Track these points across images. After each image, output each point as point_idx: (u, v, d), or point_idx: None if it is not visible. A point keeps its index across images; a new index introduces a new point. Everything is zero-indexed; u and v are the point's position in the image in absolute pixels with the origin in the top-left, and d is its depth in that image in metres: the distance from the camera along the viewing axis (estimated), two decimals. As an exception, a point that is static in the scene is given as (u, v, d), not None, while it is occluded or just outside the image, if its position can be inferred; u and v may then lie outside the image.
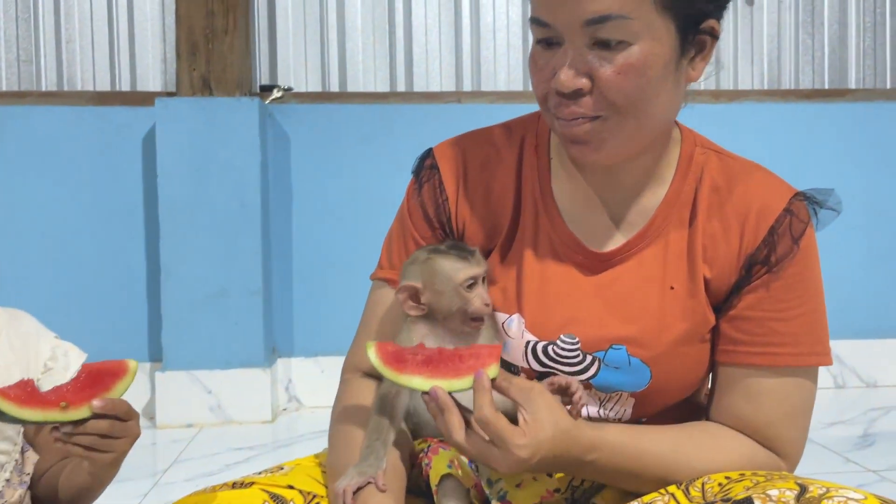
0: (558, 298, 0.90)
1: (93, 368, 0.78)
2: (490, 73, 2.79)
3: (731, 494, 0.77)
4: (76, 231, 2.59)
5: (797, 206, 0.89)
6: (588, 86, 0.80)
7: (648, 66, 0.80)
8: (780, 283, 0.87)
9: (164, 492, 1.86)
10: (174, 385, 2.46)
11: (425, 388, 0.77)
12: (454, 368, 0.78)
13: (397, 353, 0.80)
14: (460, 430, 0.77)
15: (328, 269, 2.66)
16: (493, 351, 0.80)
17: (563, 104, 0.82)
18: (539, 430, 0.77)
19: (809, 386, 0.90)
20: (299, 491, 0.87)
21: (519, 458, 0.76)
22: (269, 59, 2.75)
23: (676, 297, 0.89)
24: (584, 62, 0.79)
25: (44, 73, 2.69)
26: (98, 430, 0.74)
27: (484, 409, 0.76)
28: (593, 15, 0.77)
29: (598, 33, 0.78)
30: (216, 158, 2.48)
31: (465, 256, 0.86)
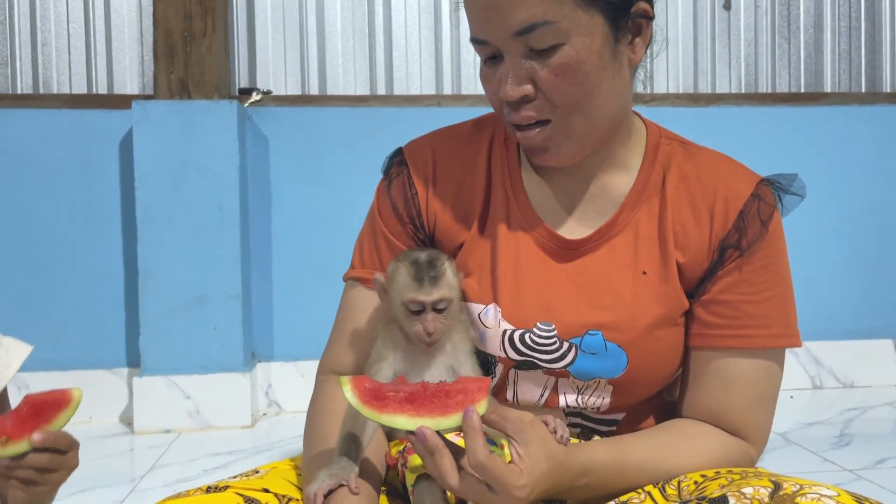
0: (533, 287, 0.91)
1: (36, 399, 0.76)
2: (471, 76, 2.80)
3: (707, 493, 0.77)
4: (52, 236, 2.56)
5: (763, 191, 0.91)
6: (532, 91, 0.83)
7: (582, 61, 0.82)
8: (752, 265, 0.89)
9: (142, 498, 1.84)
10: (152, 390, 2.43)
11: (411, 427, 0.72)
12: (441, 405, 0.73)
13: (375, 389, 0.75)
14: (454, 473, 0.74)
15: (308, 274, 2.64)
16: (482, 385, 0.76)
17: (514, 111, 0.85)
18: (535, 466, 0.76)
19: (777, 369, 0.92)
20: (274, 494, 0.86)
21: (518, 498, 0.75)
22: (247, 61, 2.73)
23: (649, 281, 0.90)
24: (524, 70, 0.82)
25: (19, 76, 2.66)
26: (37, 464, 0.73)
27: (478, 454, 0.72)
28: (520, 25, 0.80)
29: (529, 42, 0.81)
30: (194, 162, 2.46)
31: (421, 279, 0.83)
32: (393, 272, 0.87)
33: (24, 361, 0.86)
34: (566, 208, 0.93)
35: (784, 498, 0.74)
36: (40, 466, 0.73)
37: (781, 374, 0.93)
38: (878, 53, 2.96)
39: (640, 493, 0.81)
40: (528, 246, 0.92)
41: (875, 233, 2.85)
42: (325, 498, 0.80)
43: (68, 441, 0.76)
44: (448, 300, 0.84)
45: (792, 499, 0.73)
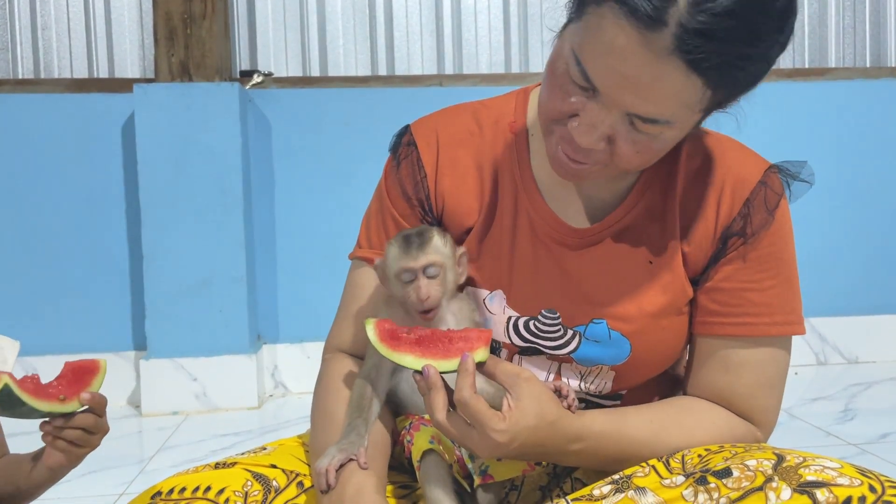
0: (538, 274, 0.91)
1: (75, 366, 0.83)
2: (472, 55, 2.78)
3: (711, 465, 0.78)
4: (56, 221, 2.57)
5: (771, 179, 0.90)
6: (603, 147, 0.78)
7: (666, 147, 0.80)
8: (755, 254, 0.88)
9: (150, 479, 1.85)
10: (159, 373, 2.45)
11: (417, 366, 0.78)
12: (444, 349, 0.79)
13: (393, 330, 0.81)
14: (443, 410, 0.78)
15: (312, 255, 2.65)
16: (483, 335, 0.81)
17: (570, 148, 0.81)
18: (521, 418, 0.78)
19: (784, 355, 0.91)
20: (282, 470, 0.87)
21: (496, 443, 0.77)
22: (248, 43, 2.72)
23: (655, 271, 0.89)
24: (610, 127, 0.77)
25: (20, 60, 2.65)
26: (84, 425, 0.79)
27: (464, 391, 0.77)
28: (644, 114, 0.75)
29: (637, 123, 0.76)
30: (196, 145, 2.46)
31: (408, 248, 0.84)
32: (386, 251, 0.87)
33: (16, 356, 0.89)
34: (575, 195, 0.92)
35: (787, 470, 0.74)
36: (87, 426, 0.80)
37: (788, 359, 0.92)
38: (882, 28, 2.94)
39: (643, 467, 0.82)
40: (535, 234, 0.91)
41: (880, 208, 2.84)
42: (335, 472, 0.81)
43: (104, 403, 0.82)
44: (438, 265, 0.85)
45: (795, 470, 0.74)
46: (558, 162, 0.83)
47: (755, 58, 0.73)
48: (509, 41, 2.80)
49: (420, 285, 0.84)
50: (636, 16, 0.68)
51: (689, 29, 0.68)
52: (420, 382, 0.79)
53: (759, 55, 0.73)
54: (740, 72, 0.73)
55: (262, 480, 0.85)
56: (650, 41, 0.69)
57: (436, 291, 0.84)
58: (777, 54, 0.76)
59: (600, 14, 0.71)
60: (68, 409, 0.80)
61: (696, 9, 0.68)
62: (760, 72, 0.75)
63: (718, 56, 0.70)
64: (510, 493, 0.95)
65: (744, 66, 0.73)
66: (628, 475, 0.81)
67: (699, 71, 0.71)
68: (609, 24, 0.71)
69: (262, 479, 0.85)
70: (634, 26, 0.69)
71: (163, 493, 0.83)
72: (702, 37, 0.68)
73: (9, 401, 0.78)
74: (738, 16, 0.68)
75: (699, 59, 0.69)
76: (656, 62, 0.70)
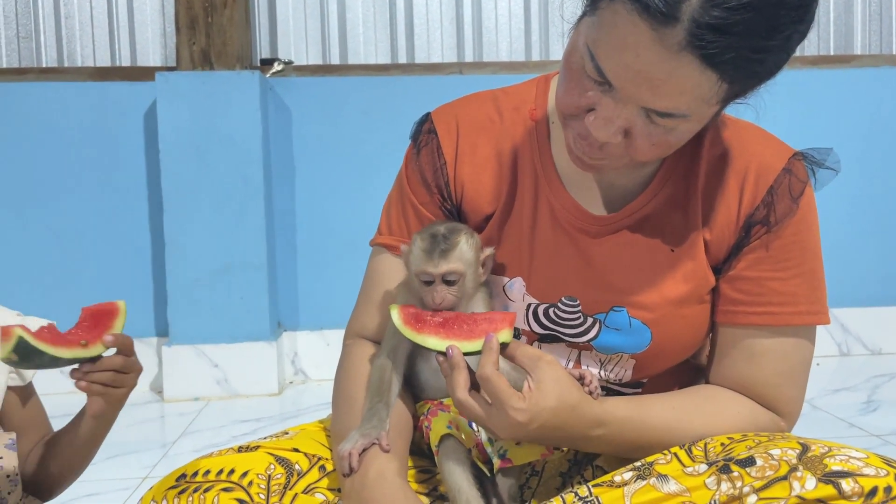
0: (558, 261, 0.91)
1: (92, 310, 0.83)
2: (492, 42, 2.77)
3: (734, 454, 0.78)
4: (80, 208, 2.60)
5: (796, 166, 0.89)
6: (620, 140, 0.78)
7: (682, 139, 0.80)
8: (778, 242, 0.87)
9: (173, 463, 1.88)
10: (181, 359, 2.48)
11: (441, 347, 0.80)
12: (468, 331, 0.81)
13: (417, 314, 0.83)
14: (464, 388, 0.79)
15: (332, 243, 2.66)
16: (507, 317, 0.82)
17: (587, 142, 0.80)
18: (540, 399, 0.78)
19: (807, 345, 0.91)
20: (304, 454, 0.88)
21: (515, 422, 0.77)
22: (269, 31, 2.73)
23: (677, 259, 0.89)
24: (627, 121, 0.76)
25: (44, 49, 2.68)
26: (113, 366, 0.80)
27: (486, 368, 0.78)
28: (660, 108, 0.74)
29: (653, 115, 0.75)
30: (218, 133, 2.48)
31: (432, 252, 0.84)
32: (411, 244, 0.88)
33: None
34: (595, 184, 0.92)
35: (812, 459, 0.74)
36: (115, 367, 0.80)
37: (812, 349, 0.92)
38: (911, 13, 2.89)
39: (665, 455, 0.82)
40: (556, 221, 0.91)
41: (905, 198, 2.80)
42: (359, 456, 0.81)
43: (130, 342, 0.82)
44: (458, 273, 0.85)
45: (820, 460, 0.73)
46: (575, 155, 0.84)
47: (773, 49, 0.71)
48: (529, 28, 2.78)
49: (436, 291, 0.84)
50: (649, 12, 0.68)
51: (702, 24, 0.67)
52: (443, 363, 0.80)
53: (778, 46, 0.71)
54: (758, 64, 0.72)
55: (284, 464, 0.86)
56: (663, 37, 0.68)
57: (451, 297, 0.85)
58: (797, 43, 0.74)
59: (613, 10, 0.71)
60: (93, 353, 0.80)
61: (710, 3, 0.67)
62: (779, 62, 0.74)
63: (734, 50, 0.69)
64: (531, 479, 0.95)
65: (761, 59, 0.71)
66: (650, 462, 0.81)
67: (714, 65, 0.70)
68: (622, 20, 0.70)
69: (285, 462, 0.86)
70: (647, 22, 0.68)
71: (187, 475, 0.84)
72: (716, 31, 0.67)
73: (27, 353, 0.77)
74: (754, 8, 0.67)
75: (713, 54, 0.68)
76: (670, 58, 0.69)
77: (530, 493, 0.94)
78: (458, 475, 0.84)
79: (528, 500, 0.93)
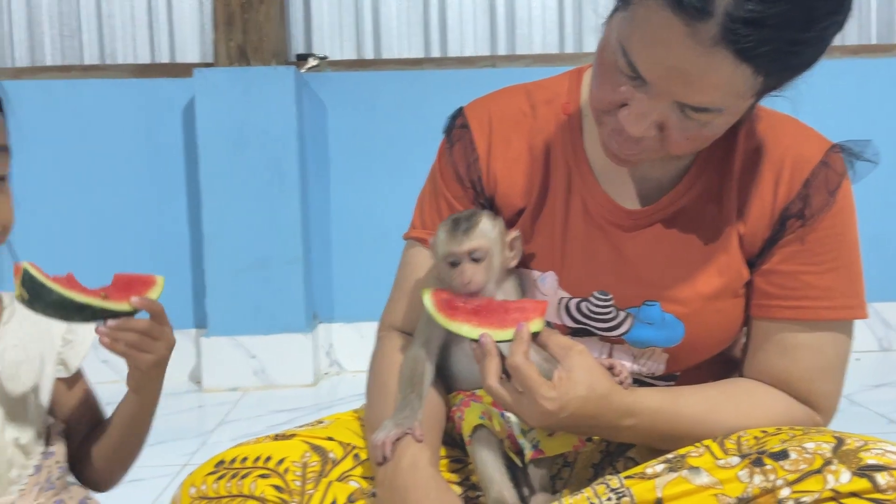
0: (591, 255, 0.91)
1: (125, 277, 0.81)
2: (525, 35, 2.76)
3: (767, 447, 0.77)
4: (120, 202, 2.66)
5: (833, 159, 0.87)
6: (654, 134, 0.78)
7: (717, 132, 0.79)
8: (814, 236, 0.86)
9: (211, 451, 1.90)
10: (219, 350, 2.53)
11: (473, 335, 0.81)
12: (500, 319, 0.81)
13: (450, 300, 0.83)
14: (495, 376, 0.80)
15: (366, 236, 2.68)
16: (539, 306, 0.82)
17: (621, 137, 0.80)
18: (571, 387, 0.78)
19: (844, 339, 0.89)
20: (339, 442, 0.90)
21: (545, 410, 0.78)
22: (304, 27, 2.75)
23: (710, 253, 0.88)
24: (660, 115, 0.76)
25: (86, 47, 2.74)
26: (140, 328, 0.78)
27: (517, 356, 0.78)
28: (694, 104, 0.74)
29: (688, 110, 0.75)
30: (254, 128, 2.51)
31: (454, 232, 0.85)
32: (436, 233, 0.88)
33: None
34: (628, 178, 0.91)
35: (847, 453, 0.73)
36: (142, 329, 0.78)
37: (849, 344, 0.90)
38: (958, 0, 2.81)
39: (698, 447, 0.81)
40: (588, 215, 0.91)
41: (951, 190, 2.73)
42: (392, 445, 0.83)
43: (161, 309, 0.81)
44: (483, 250, 0.85)
45: (855, 454, 0.73)
46: (611, 151, 0.83)
47: (810, 41, 0.70)
48: (563, 21, 2.77)
49: (464, 269, 0.84)
50: (682, 7, 0.67)
51: (736, 18, 0.66)
52: (476, 350, 0.81)
53: (814, 38, 0.70)
54: (794, 57, 0.71)
55: (319, 452, 0.87)
56: (696, 32, 0.68)
57: (479, 276, 0.85)
58: (834, 34, 0.73)
59: (646, 5, 0.70)
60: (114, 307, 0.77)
61: None
62: (816, 54, 0.73)
63: (769, 43, 0.68)
64: (563, 470, 0.96)
65: (798, 51, 0.70)
66: (682, 455, 0.80)
67: (749, 59, 0.69)
68: (655, 16, 0.70)
69: (320, 450, 0.88)
70: (680, 17, 0.68)
71: (226, 461, 0.86)
72: (750, 25, 0.66)
73: (35, 290, 0.74)
74: (789, 0, 0.66)
75: (748, 48, 0.68)
76: (704, 53, 0.68)
77: (562, 484, 0.95)
78: (490, 465, 0.85)
79: (559, 490, 0.93)
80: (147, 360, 0.81)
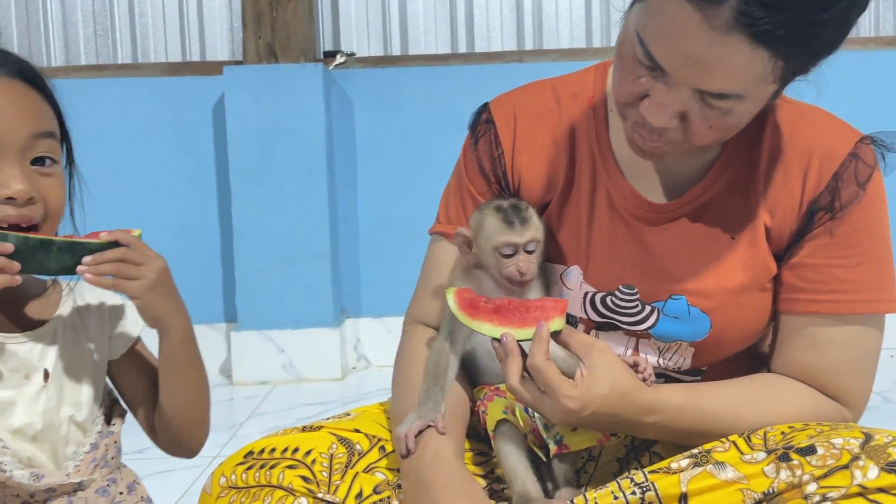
0: (617, 250, 0.91)
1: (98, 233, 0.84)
2: (552, 30, 2.75)
3: (794, 443, 0.77)
4: (153, 197, 2.70)
5: (863, 150, 0.86)
6: (676, 125, 0.78)
7: (741, 120, 0.78)
8: (843, 229, 0.85)
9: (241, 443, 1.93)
10: (248, 344, 2.56)
11: (495, 334, 0.81)
12: (521, 318, 0.82)
13: (472, 300, 0.84)
14: (517, 375, 0.80)
15: (393, 232, 2.70)
16: (559, 305, 0.83)
17: (644, 129, 0.80)
18: (592, 386, 0.79)
19: (874, 334, 0.88)
20: (365, 435, 0.91)
21: (567, 409, 0.78)
22: (331, 24, 2.77)
23: (737, 246, 0.88)
24: (681, 105, 0.76)
25: (119, 46, 2.79)
26: (115, 256, 0.80)
27: (536, 357, 0.79)
28: (713, 90, 0.73)
29: (708, 98, 0.75)
30: (283, 125, 2.54)
31: (512, 222, 0.86)
32: (479, 221, 0.88)
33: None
34: (654, 171, 0.91)
35: (875, 448, 0.72)
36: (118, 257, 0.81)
37: (880, 338, 0.89)
38: None
39: (723, 442, 0.81)
40: (614, 209, 0.91)
41: None
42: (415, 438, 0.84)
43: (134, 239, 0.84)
44: (537, 241, 0.87)
45: (884, 449, 0.72)
46: (635, 144, 0.84)
47: (828, 23, 0.69)
48: (590, 15, 2.75)
49: (521, 259, 0.86)
50: None
51: (750, 1, 0.66)
52: (498, 349, 0.82)
53: (833, 19, 0.69)
54: (813, 39, 0.70)
55: (346, 444, 0.89)
56: (711, 17, 0.68)
57: (533, 266, 0.87)
58: (856, 16, 0.72)
59: None
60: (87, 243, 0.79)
61: None
62: (837, 36, 0.72)
63: (785, 26, 0.67)
64: (587, 464, 0.96)
65: (816, 33, 0.69)
66: (707, 450, 0.80)
67: (765, 43, 0.68)
68: (670, 4, 0.70)
69: (347, 442, 0.89)
70: (694, 4, 0.68)
71: (255, 452, 0.88)
72: (765, 7, 0.66)
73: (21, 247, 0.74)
74: None
75: (764, 31, 0.67)
76: (719, 38, 0.68)
77: (587, 478, 0.95)
78: (515, 459, 0.86)
79: (584, 485, 0.94)
80: (138, 286, 0.82)
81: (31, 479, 0.80)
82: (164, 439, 0.92)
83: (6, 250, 0.75)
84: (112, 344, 0.90)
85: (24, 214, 0.78)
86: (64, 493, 0.83)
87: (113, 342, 0.90)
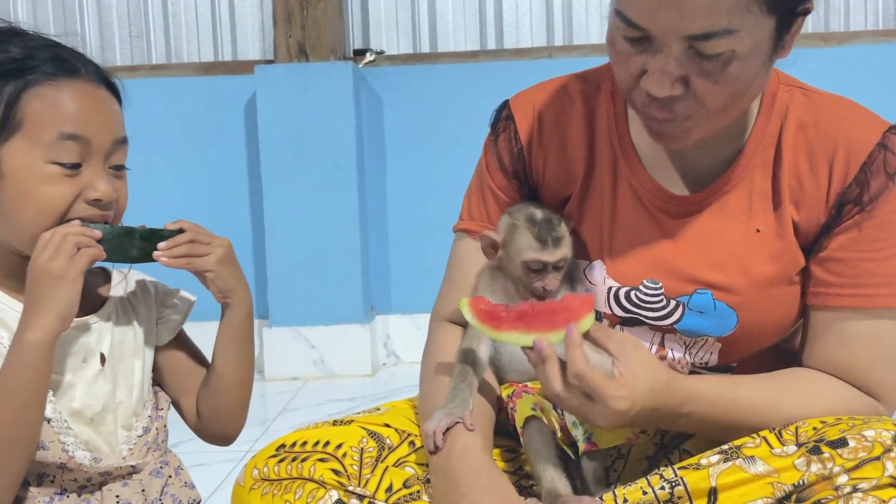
0: (640, 244, 0.90)
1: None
2: (582, 25, 2.74)
3: (826, 437, 0.76)
4: (186, 195, 2.74)
5: (891, 140, 0.85)
6: (682, 92, 0.77)
7: (747, 71, 0.77)
8: (873, 221, 0.84)
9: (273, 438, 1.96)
10: (280, 340, 2.59)
11: (525, 342, 0.79)
12: (548, 321, 0.79)
13: (491, 310, 0.82)
14: (559, 381, 0.78)
15: (423, 229, 2.71)
16: (585, 302, 0.80)
17: (653, 106, 0.80)
18: (636, 382, 0.78)
19: None
20: (395, 429, 0.92)
21: (617, 410, 0.77)
22: (361, 23, 2.79)
23: (763, 239, 0.87)
24: (680, 68, 0.76)
25: (153, 47, 2.84)
26: (186, 239, 0.89)
27: (578, 364, 0.76)
28: (699, 31, 0.73)
29: (699, 46, 0.74)
30: (313, 123, 2.56)
31: (545, 240, 0.86)
32: (511, 230, 0.88)
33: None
34: (676, 164, 0.90)
35: None
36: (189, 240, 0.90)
37: None
38: None
39: (754, 438, 0.80)
40: (636, 202, 0.90)
41: None
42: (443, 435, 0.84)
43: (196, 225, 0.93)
44: (567, 259, 0.87)
45: (918, 441, 0.71)
46: (652, 130, 0.83)
47: None
48: (621, 10, 2.73)
49: (549, 278, 0.86)
50: None
51: None
52: (531, 356, 0.79)
53: None
54: None
55: (376, 438, 0.90)
56: None
57: (558, 283, 0.87)
58: None
59: None
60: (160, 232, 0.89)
61: None
62: None
63: None
64: (616, 462, 0.96)
65: None
66: (737, 445, 0.80)
67: None
68: None
69: (377, 436, 0.90)
70: None
71: (286, 445, 0.89)
72: None
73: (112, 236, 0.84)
74: None
75: None
76: None
77: (616, 476, 0.95)
78: (543, 456, 0.86)
79: (613, 482, 0.93)
80: (210, 260, 0.90)
81: (90, 462, 0.82)
82: (209, 422, 0.96)
83: (96, 235, 0.83)
84: (160, 329, 0.93)
85: (105, 214, 0.87)
86: (119, 476, 0.86)
87: (160, 328, 0.94)
